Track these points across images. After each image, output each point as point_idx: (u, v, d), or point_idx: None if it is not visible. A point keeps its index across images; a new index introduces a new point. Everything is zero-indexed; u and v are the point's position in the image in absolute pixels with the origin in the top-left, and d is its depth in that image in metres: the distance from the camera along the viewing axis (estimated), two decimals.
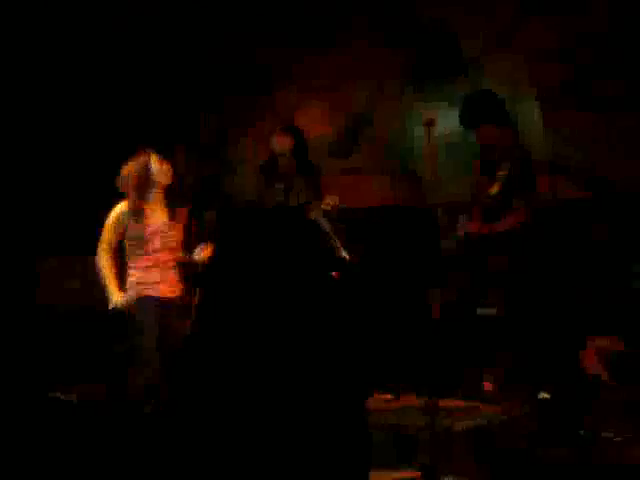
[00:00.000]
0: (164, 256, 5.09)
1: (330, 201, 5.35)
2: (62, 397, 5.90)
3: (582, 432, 4.38)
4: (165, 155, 5.18)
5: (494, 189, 5.15)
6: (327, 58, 7.23)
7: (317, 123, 7.28)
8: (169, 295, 5.08)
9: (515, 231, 5.24)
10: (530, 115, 6.61)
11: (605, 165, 6.25)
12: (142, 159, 5.09)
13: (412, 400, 5.14)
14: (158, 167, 5.09)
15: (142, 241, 5.04)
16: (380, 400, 5.40)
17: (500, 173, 5.16)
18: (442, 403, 5.10)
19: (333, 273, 5.37)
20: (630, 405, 4.55)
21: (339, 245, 5.19)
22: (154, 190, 5.12)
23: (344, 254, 5.21)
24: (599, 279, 5.55)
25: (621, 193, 6.10)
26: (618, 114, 6.23)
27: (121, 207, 5.08)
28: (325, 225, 5.22)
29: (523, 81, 6.62)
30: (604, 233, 5.67)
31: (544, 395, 5.46)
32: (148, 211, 5.10)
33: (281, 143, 5.89)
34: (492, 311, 5.12)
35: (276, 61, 7.42)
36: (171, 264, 5.13)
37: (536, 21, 6.52)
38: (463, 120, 5.35)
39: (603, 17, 6.26)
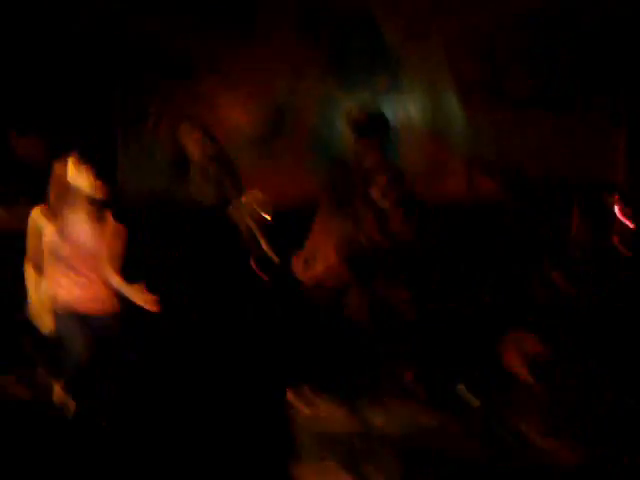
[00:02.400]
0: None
1: (252, 198, 5.28)
2: None
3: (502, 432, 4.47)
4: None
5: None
6: (248, 46, 7.14)
7: (238, 113, 7.22)
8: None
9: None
10: (448, 111, 6.68)
11: (520, 161, 6.38)
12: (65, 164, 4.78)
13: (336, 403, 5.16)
14: (87, 179, 4.76)
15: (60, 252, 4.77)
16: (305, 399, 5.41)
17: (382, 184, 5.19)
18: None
19: (258, 272, 5.38)
20: (549, 403, 4.65)
21: (264, 244, 5.16)
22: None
23: (269, 253, 5.19)
24: (515, 274, 5.65)
25: (536, 188, 6.25)
26: (533, 111, 6.36)
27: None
28: (250, 223, 5.18)
29: (443, 76, 6.67)
30: (520, 228, 5.78)
31: (461, 387, 5.57)
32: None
33: (194, 137, 5.77)
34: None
35: (196, 49, 7.30)
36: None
37: (454, 15, 6.56)
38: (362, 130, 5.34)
39: (521, 12, 6.35)
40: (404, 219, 5.06)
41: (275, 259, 5.17)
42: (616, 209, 5.05)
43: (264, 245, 5.16)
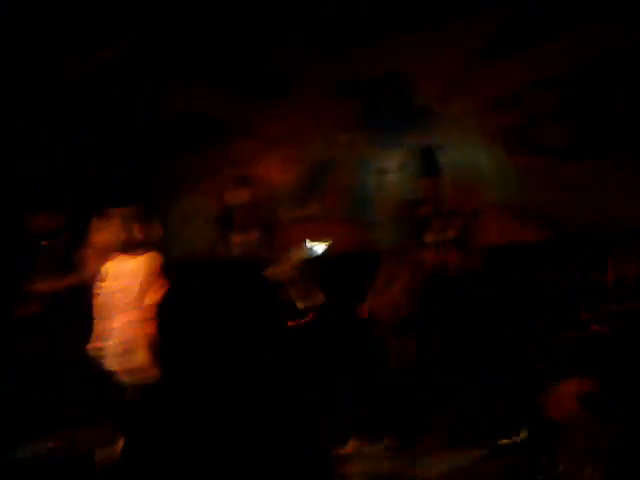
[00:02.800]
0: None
1: (295, 257, 5.36)
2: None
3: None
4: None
5: (451, 234, 5.22)
6: (283, 109, 7.31)
7: (273, 173, 7.36)
8: None
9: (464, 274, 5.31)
10: (480, 161, 6.76)
11: (557, 209, 6.43)
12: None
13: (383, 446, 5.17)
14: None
15: None
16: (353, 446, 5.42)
17: (457, 221, 5.22)
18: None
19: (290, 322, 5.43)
20: (595, 450, 4.63)
21: (299, 294, 5.22)
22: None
23: (302, 303, 5.25)
24: (555, 322, 5.67)
25: (574, 235, 6.29)
26: (567, 160, 6.43)
27: None
28: (283, 276, 5.25)
29: (474, 127, 6.77)
30: (560, 275, 5.81)
31: (504, 441, 5.55)
32: None
33: (238, 195, 5.88)
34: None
35: (231, 115, 7.48)
36: None
37: (486, 68, 6.68)
38: (427, 169, 5.41)
39: (552, 64, 6.46)
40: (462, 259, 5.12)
41: (307, 314, 5.25)
42: None
43: (297, 297, 5.23)
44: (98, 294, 5.09)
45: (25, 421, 6.08)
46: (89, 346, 5.02)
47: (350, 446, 5.22)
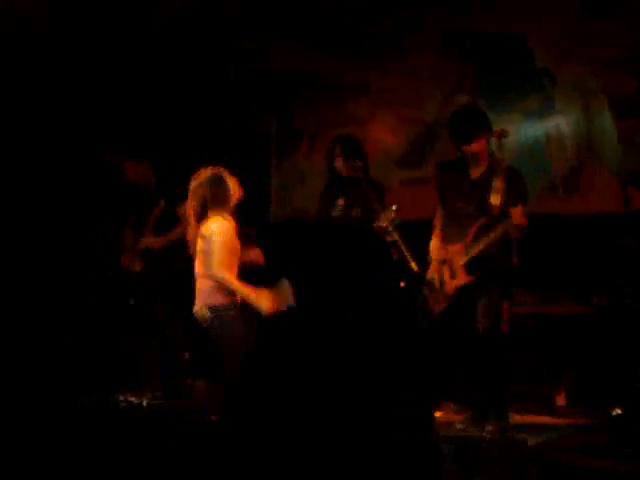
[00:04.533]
0: None
1: (390, 213, 5.28)
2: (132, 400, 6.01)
3: None
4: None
5: (496, 200, 5.07)
6: (398, 70, 7.25)
7: (388, 134, 7.32)
8: None
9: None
10: (603, 126, 6.55)
11: None
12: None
13: (482, 412, 5.09)
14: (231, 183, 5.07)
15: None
16: (449, 412, 5.37)
17: (498, 184, 5.06)
18: (513, 416, 5.11)
19: (401, 283, 5.38)
20: None
21: (408, 255, 5.17)
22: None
23: (412, 264, 5.19)
24: None
25: None
26: None
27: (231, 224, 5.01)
28: (394, 235, 5.20)
29: (595, 91, 6.56)
30: None
31: (617, 411, 5.39)
32: None
33: (348, 168, 5.85)
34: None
35: (347, 73, 7.48)
36: None
37: (604, 30, 6.45)
38: (458, 136, 5.24)
39: None
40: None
41: (415, 267, 5.17)
42: None
43: (406, 254, 5.16)
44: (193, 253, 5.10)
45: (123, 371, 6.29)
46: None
47: (441, 411, 5.19)
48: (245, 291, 4.86)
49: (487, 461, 4.61)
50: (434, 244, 5.37)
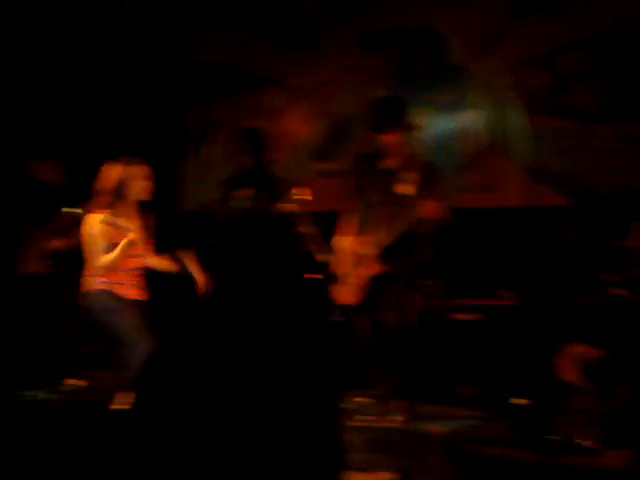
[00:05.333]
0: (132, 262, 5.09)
1: (300, 198, 5.27)
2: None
3: (553, 437, 4.41)
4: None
5: (408, 190, 5.14)
6: (312, 61, 7.26)
7: (303, 126, 7.32)
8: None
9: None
10: (514, 121, 6.66)
11: (585, 173, 6.33)
12: (127, 166, 5.04)
13: (389, 403, 5.15)
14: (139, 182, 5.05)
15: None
16: (357, 402, 5.41)
17: (411, 175, 5.13)
18: (419, 407, 5.18)
19: (313, 274, 5.40)
20: (602, 413, 4.59)
21: (320, 246, 5.19)
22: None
23: (324, 255, 5.21)
24: (572, 286, 5.60)
25: (601, 200, 6.18)
26: (598, 123, 6.31)
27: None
28: (306, 225, 5.21)
29: (508, 87, 6.66)
30: (582, 240, 5.72)
31: (519, 400, 5.52)
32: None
33: (246, 162, 5.85)
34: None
35: (260, 63, 7.46)
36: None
37: (520, 27, 6.56)
38: (376, 124, 5.30)
39: (586, 24, 6.32)
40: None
41: (327, 258, 5.19)
42: None
43: (318, 245, 5.18)
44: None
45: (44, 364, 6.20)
46: None
47: (352, 401, 5.22)
48: (115, 251, 4.89)
49: (395, 451, 4.68)
50: (345, 236, 5.39)
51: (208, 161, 7.72)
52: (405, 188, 5.12)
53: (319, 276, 5.36)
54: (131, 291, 5.07)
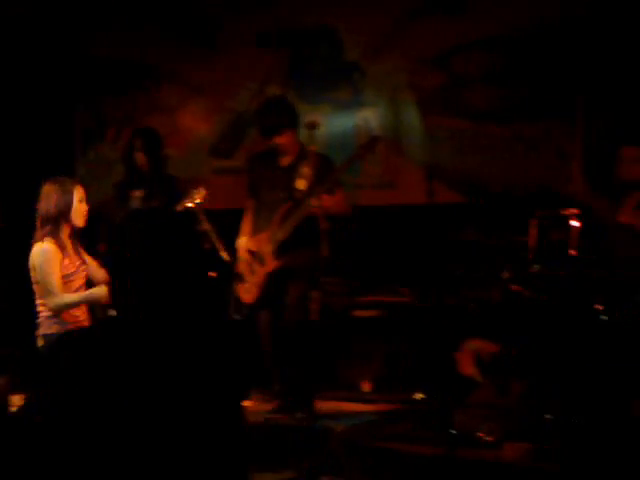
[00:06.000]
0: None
1: (197, 195, 5.22)
2: None
3: (453, 431, 4.47)
4: None
5: (302, 184, 5.18)
6: (209, 58, 7.19)
7: (199, 123, 7.25)
8: None
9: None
10: (409, 120, 6.73)
11: (479, 171, 6.45)
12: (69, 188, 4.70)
13: (291, 401, 5.15)
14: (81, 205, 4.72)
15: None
16: (258, 402, 5.39)
17: (306, 170, 5.16)
18: (320, 404, 5.19)
19: (212, 273, 5.34)
20: (500, 406, 4.67)
21: (219, 244, 5.13)
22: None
23: (224, 254, 5.16)
24: (469, 282, 5.69)
25: (494, 198, 6.31)
26: (493, 123, 6.43)
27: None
28: (204, 223, 5.15)
29: (403, 86, 6.72)
30: (477, 237, 5.81)
31: (419, 395, 5.59)
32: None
33: (141, 159, 5.77)
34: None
35: (159, 61, 7.34)
36: None
37: (416, 27, 6.63)
38: (265, 129, 5.29)
39: (481, 26, 6.43)
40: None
41: (226, 257, 5.14)
42: (574, 223, 5.04)
43: (217, 243, 5.12)
44: None
45: None
46: None
47: (250, 400, 5.20)
48: (81, 296, 4.65)
49: (297, 449, 4.67)
50: (243, 235, 5.37)
51: (101, 160, 7.55)
52: (299, 183, 5.13)
53: (218, 275, 5.30)
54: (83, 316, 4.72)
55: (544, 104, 6.26)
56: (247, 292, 5.23)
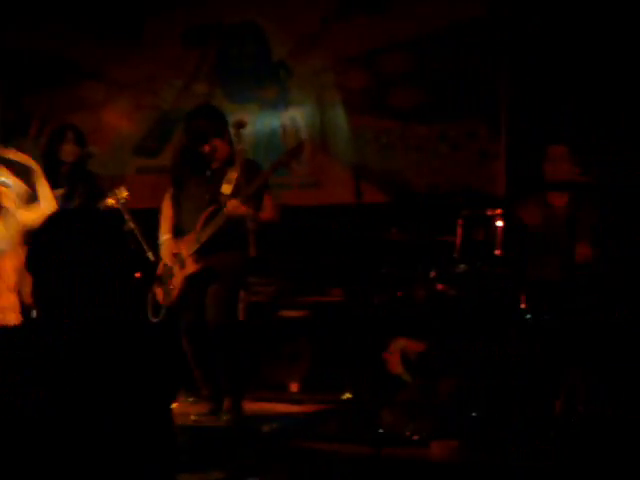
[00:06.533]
0: None
1: (118, 194, 5.12)
2: None
3: (381, 431, 4.48)
4: None
5: (227, 189, 5.16)
6: (134, 54, 7.09)
7: (124, 121, 7.14)
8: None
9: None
10: (336, 120, 6.74)
11: (404, 171, 6.49)
12: None
13: (217, 403, 5.11)
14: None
15: None
16: (186, 404, 5.34)
17: (232, 174, 5.14)
18: (248, 405, 5.16)
19: (137, 274, 5.26)
20: (427, 405, 4.70)
21: (144, 244, 5.07)
22: None
23: (149, 253, 5.10)
24: (399, 281, 5.71)
25: (420, 198, 6.36)
26: (416, 123, 6.48)
27: None
28: (130, 223, 5.08)
29: (330, 85, 6.73)
30: (403, 236, 5.84)
31: (346, 395, 5.60)
32: None
33: (67, 151, 5.66)
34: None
35: (82, 56, 7.21)
36: None
37: (342, 27, 6.64)
38: (193, 138, 5.24)
39: (406, 26, 6.47)
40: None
41: (152, 257, 5.08)
42: (499, 223, 5.09)
43: (142, 243, 5.05)
44: None
45: None
46: None
47: (180, 402, 5.15)
48: None
49: (225, 450, 4.64)
50: (165, 232, 5.30)
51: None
52: (225, 188, 5.09)
53: (141, 275, 5.23)
54: (11, 317, 4.58)
55: (468, 104, 6.33)
56: (166, 294, 5.17)
